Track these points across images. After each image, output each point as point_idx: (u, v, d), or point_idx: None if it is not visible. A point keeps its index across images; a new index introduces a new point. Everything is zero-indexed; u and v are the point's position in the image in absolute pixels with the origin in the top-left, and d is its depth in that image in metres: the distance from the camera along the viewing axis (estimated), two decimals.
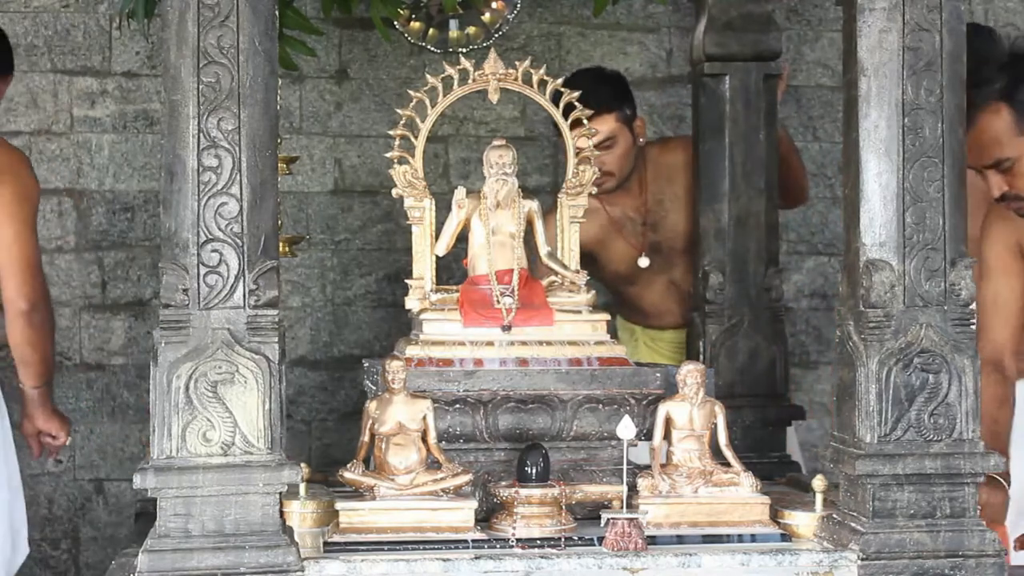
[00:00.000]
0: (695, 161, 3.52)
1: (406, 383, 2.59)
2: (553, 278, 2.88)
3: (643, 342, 4.30)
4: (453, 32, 4.67)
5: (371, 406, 2.60)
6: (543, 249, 2.90)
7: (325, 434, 4.90)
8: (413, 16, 4.62)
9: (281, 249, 3.17)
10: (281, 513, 2.38)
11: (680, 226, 3.92)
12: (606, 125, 3.87)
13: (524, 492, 2.55)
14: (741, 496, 2.63)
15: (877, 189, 2.50)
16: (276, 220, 2.40)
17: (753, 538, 2.57)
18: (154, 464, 2.32)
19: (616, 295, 4.34)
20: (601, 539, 2.49)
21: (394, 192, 2.89)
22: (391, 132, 2.88)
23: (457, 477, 2.56)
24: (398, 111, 2.88)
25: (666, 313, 4.17)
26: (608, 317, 2.87)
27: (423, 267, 2.88)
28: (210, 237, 2.34)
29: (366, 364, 2.95)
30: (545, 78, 2.90)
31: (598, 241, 4.05)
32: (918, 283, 2.51)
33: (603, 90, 3.92)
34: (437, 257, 2.89)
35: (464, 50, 4.51)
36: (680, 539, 2.56)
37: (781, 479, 3.11)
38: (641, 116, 4.08)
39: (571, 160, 2.94)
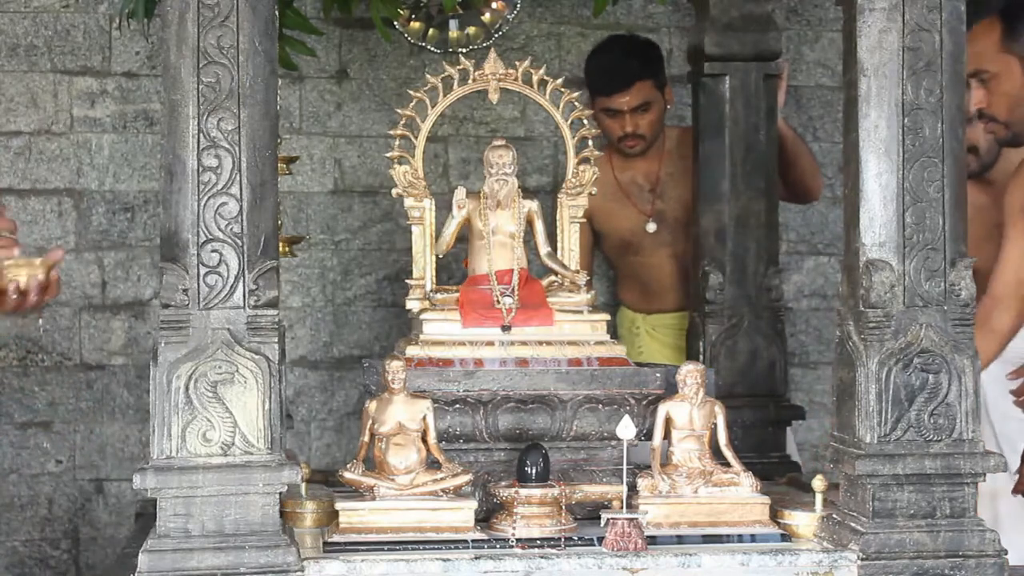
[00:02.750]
0: (695, 161, 3.51)
1: (406, 383, 2.59)
2: (553, 278, 2.88)
3: (645, 331, 4.32)
4: (453, 32, 4.67)
5: (371, 406, 2.60)
6: (543, 249, 2.90)
7: (325, 434, 4.90)
8: (413, 16, 4.62)
9: (281, 249, 3.16)
10: (281, 513, 2.38)
11: (687, 197, 3.95)
12: (643, 91, 4.10)
13: (524, 492, 2.54)
14: (741, 496, 2.63)
15: (877, 189, 2.50)
16: (276, 220, 2.40)
17: (753, 538, 2.57)
18: (154, 464, 2.32)
19: (619, 271, 4.38)
20: (601, 539, 2.49)
21: (394, 192, 2.89)
22: (391, 132, 2.88)
23: (457, 477, 2.56)
24: (398, 111, 2.88)
25: (668, 290, 4.21)
26: (608, 317, 2.87)
27: (423, 267, 2.88)
28: (210, 237, 2.34)
29: (366, 364, 2.94)
30: (545, 78, 2.90)
31: (604, 210, 4.11)
32: (918, 283, 2.50)
33: (641, 58, 4.14)
34: (437, 257, 2.89)
35: (464, 50, 4.51)
36: (680, 539, 2.55)
37: (781, 479, 3.11)
38: (668, 84, 4.24)
39: (571, 160, 2.94)
